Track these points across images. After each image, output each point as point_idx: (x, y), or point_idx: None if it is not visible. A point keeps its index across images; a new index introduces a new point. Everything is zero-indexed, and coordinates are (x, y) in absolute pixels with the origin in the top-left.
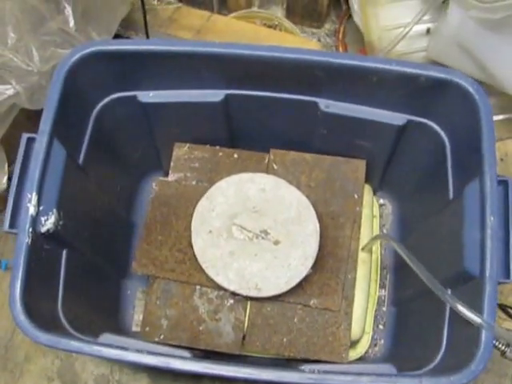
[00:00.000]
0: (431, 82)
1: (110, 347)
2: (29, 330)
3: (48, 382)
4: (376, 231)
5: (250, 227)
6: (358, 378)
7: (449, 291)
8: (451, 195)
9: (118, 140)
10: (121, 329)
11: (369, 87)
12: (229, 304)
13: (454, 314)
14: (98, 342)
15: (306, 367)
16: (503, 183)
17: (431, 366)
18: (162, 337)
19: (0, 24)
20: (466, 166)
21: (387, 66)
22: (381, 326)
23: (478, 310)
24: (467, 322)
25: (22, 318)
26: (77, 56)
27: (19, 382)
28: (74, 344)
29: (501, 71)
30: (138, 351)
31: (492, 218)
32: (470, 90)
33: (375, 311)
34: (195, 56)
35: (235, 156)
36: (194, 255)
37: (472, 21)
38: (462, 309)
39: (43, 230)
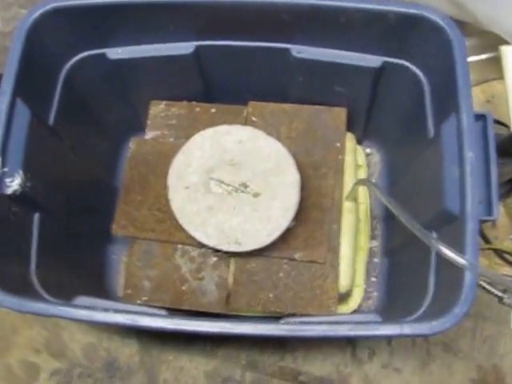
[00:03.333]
0: (401, 19)
1: (77, 308)
2: None
3: (35, 353)
4: None
5: (229, 180)
6: (335, 327)
7: (434, 234)
8: (431, 134)
9: (92, 101)
10: (108, 294)
11: (339, 29)
12: (212, 262)
13: (440, 259)
14: (65, 304)
15: (287, 320)
16: (482, 118)
17: (418, 313)
18: (144, 299)
19: None
20: (444, 104)
21: (353, 5)
22: (373, 278)
23: (461, 250)
24: (452, 266)
25: None
26: (37, 13)
27: (6, 356)
28: (40, 306)
29: (480, 8)
30: (105, 310)
31: (470, 154)
32: (441, 23)
33: (367, 263)
34: (158, 6)
35: (213, 111)
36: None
37: None
38: (444, 249)
39: (9, 191)
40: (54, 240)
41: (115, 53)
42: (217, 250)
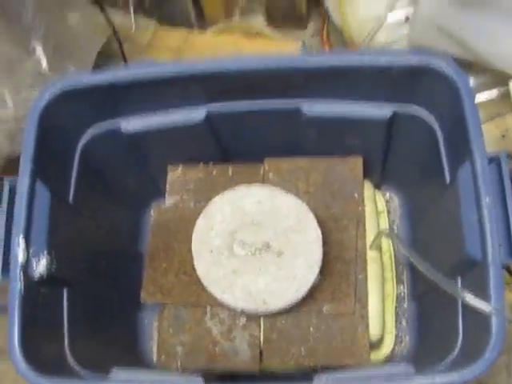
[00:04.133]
0: (407, 71)
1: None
2: (32, 378)
3: None
4: (384, 227)
5: (251, 242)
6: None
7: (459, 280)
8: (448, 180)
9: (109, 173)
10: (143, 360)
11: (347, 84)
12: (241, 323)
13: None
14: (102, 379)
15: (319, 376)
16: (495, 160)
17: (451, 357)
18: (178, 364)
19: None
20: (458, 150)
21: (356, 64)
22: (404, 323)
23: (485, 295)
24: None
25: (23, 366)
26: (46, 97)
27: None
28: None
29: (482, 47)
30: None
31: (487, 199)
32: (446, 71)
33: (396, 309)
34: (165, 81)
35: (230, 172)
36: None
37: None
38: (468, 298)
39: (36, 274)
40: (84, 313)
41: (128, 125)
42: (244, 311)
